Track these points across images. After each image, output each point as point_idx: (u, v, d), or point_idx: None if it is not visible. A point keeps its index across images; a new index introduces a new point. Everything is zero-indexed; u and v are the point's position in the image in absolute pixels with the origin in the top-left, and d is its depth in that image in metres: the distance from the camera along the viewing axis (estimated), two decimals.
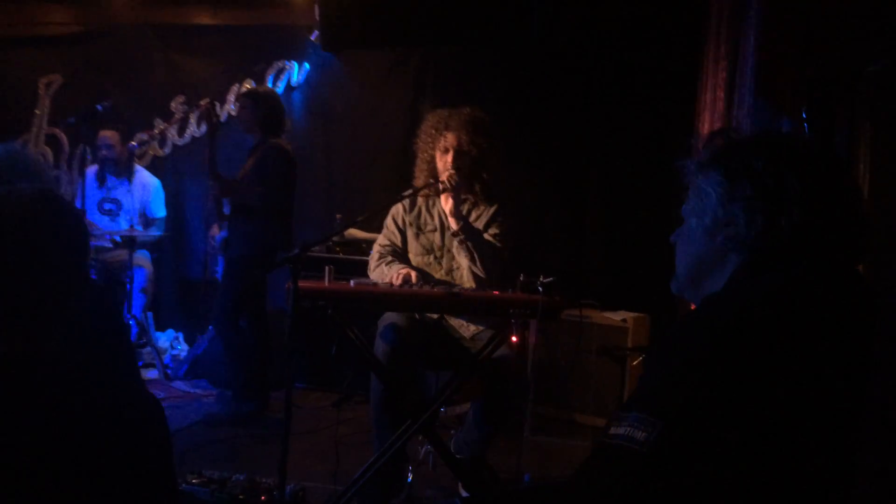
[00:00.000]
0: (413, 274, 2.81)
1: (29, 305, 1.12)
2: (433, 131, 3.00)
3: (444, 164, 2.96)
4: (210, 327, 4.51)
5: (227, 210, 4.00)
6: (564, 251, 4.53)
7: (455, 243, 2.95)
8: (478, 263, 2.88)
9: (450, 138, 2.95)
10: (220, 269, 4.22)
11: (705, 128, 3.65)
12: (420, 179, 3.04)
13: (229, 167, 4.27)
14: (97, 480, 1.07)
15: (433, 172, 3.02)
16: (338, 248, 4.36)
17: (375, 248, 3.10)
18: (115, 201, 4.89)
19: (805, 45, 2.46)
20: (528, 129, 4.59)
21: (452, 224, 2.89)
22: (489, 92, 4.64)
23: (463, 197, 3.01)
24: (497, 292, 2.69)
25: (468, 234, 2.88)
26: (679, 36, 4.17)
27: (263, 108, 3.97)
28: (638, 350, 3.94)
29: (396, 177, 4.46)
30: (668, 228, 4.09)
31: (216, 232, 4.14)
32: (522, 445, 3.32)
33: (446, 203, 2.90)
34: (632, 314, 4.00)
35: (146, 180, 4.98)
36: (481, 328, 2.94)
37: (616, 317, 3.98)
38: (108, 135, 4.79)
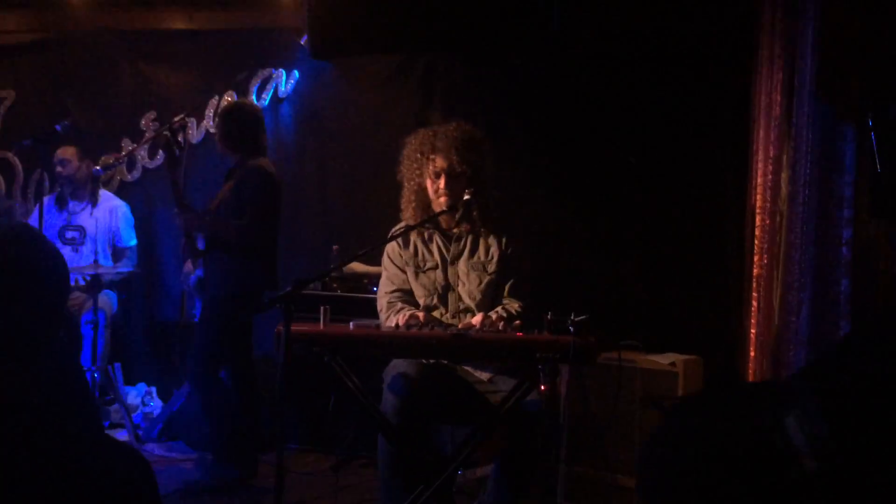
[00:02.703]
0: (421, 315, 2.87)
1: (7, 346, 1.19)
2: (418, 156, 3.11)
3: (437, 190, 3.06)
4: (187, 381, 4.56)
5: (202, 245, 4.06)
6: (599, 283, 4.55)
7: (461, 275, 3.05)
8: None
9: (439, 161, 3.05)
10: (197, 311, 4.27)
11: (761, 135, 3.70)
12: (408, 212, 3.14)
13: (208, 191, 4.34)
14: None
15: (424, 203, 3.10)
16: (335, 285, 4.41)
17: (382, 296, 3.16)
18: (79, 228, 4.98)
19: (871, 43, 2.51)
20: (553, 142, 4.64)
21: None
22: (506, 100, 4.72)
23: (462, 228, 3.10)
24: (521, 333, 2.72)
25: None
26: (727, 32, 4.23)
27: (233, 124, 4.04)
28: None
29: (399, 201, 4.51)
30: (722, 253, 4.10)
31: (190, 269, 4.20)
32: None
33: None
34: (682, 356, 4.00)
35: (113, 204, 5.07)
36: (497, 374, 2.99)
37: (663, 360, 3.98)
38: (65, 151, 4.89)
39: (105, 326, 4.88)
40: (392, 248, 3.18)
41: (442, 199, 3.05)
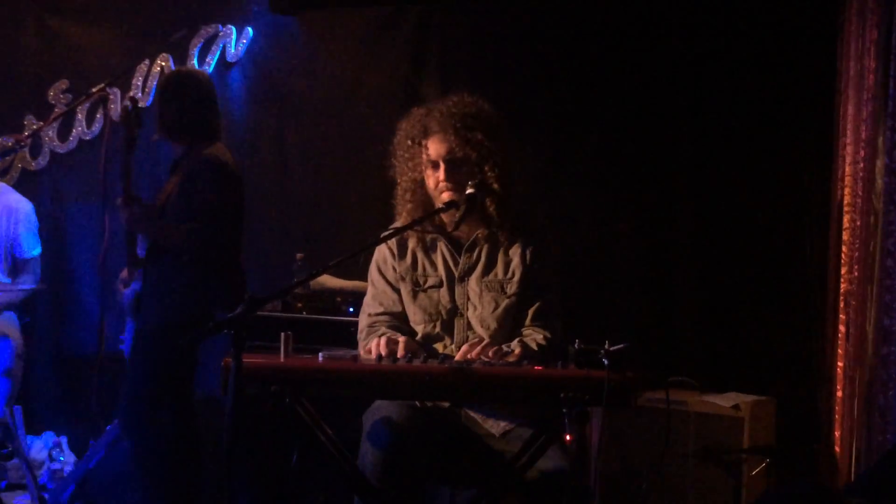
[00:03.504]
0: (401, 340, 2.86)
1: None
2: (409, 143, 3.11)
3: (437, 184, 3.06)
4: (108, 429, 4.54)
5: (142, 251, 4.05)
6: (642, 303, 4.55)
7: (472, 295, 3.03)
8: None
9: (433, 147, 3.05)
10: (127, 338, 4.25)
11: (849, 112, 3.70)
12: (403, 215, 3.14)
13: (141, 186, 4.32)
14: None
15: (425, 203, 3.10)
16: (300, 305, 4.40)
17: (363, 318, 3.17)
18: None
19: None
20: (585, 119, 4.64)
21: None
22: (523, 65, 4.71)
23: (479, 234, 3.10)
24: (539, 367, 2.72)
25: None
26: None
27: (179, 102, 4.02)
28: (760, 452, 3.93)
29: (386, 194, 4.52)
30: (800, 264, 4.08)
31: (125, 278, 4.16)
32: None
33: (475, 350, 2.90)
34: (748, 397, 4.00)
35: (11, 201, 5.04)
36: (516, 423, 2.97)
37: (724, 401, 3.98)
38: None
39: (16, 357, 4.86)
40: (383, 256, 3.18)
41: (444, 195, 3.04)
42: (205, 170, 3.90)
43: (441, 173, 3.04)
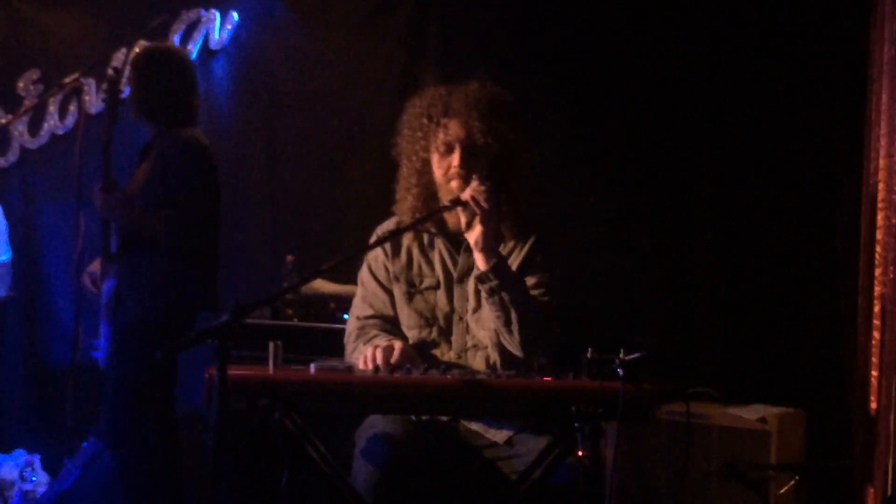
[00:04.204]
0: (397, 346, 2.85)
1: None
2: (425, 121, 3.06)
3: (447, 170, 3.03)
4: (84, 446, 4.54)
5: (115, 247, 4.04)
6: (660, 310, 4.55)
7: (472, 297, 3.01)
8: (515, 331, 2.91)
9: (453, 128, 3.00)
10: (102, 343, 4.24)
11: (883, 100, 3.69)
12: (405, 203, 3.10)
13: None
14: None
15: (430, 190, 3.08)
16: (290, 311, 4.40)
17: (352, 321, 3.15)
18: None
19: None
20: (594, 113, 4.64)
21: (480, 262, 2.91)
22: (528, 51, 4.72)
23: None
24: (549, 378, 2.71)
25: (505, 280, 2.89)
26: None
27: (153, 78, 4.02)
28: (788, 468, 3.93)
29: (383, 191, 4.51)
30: (830, 265, 4.07)
31: (96, 270, 4.14)
32: None
33: (473, 231, 2.91)
34: (775, 409, 4.00)
35: None
36: (519, 430, 2.96)
37: (749, 414, 3.98)
38: None
39: None
40: (375, 254, 3.15)
41: (454, 184, 3.00)
42: (183, 153, 3.90)
43: (456, 158, 3.00)
